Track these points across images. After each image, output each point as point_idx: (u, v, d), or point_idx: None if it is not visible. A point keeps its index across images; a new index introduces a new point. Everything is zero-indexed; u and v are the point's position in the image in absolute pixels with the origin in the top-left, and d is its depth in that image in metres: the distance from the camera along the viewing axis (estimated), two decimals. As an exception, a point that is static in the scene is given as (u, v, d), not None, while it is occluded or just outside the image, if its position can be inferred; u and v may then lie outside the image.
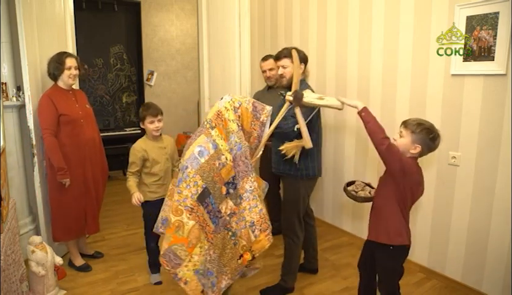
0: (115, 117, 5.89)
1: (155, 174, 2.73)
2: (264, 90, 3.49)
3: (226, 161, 2.09)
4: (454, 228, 2.80)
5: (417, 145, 1.94)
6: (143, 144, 2.73)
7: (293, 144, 2.33)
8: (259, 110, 2.23)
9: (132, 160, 2.69)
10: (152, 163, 2.71)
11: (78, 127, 2.87)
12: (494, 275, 2.61)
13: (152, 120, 2.70)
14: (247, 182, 2.13)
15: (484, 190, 2.60)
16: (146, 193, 2.72)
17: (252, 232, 2.11)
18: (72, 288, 2.77)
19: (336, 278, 2.96)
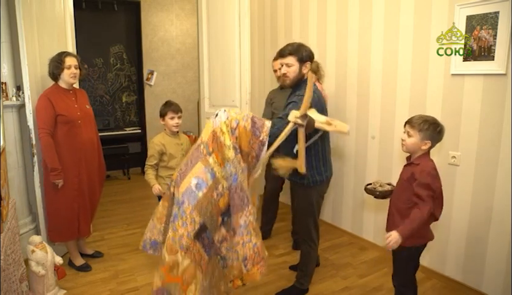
0: (115, 117, 5.89)
1: (171, 168, 2.84)
2: (277, 89, 3.39)
3: (223, 190, 1.95)
4: (454, 228, 2.80)
5: (426, 141, 2.02)
6: (162, 139, 2.87)
7: (287, 164, 2.11)
8: (258, 127, 2.02)
9: (151, 153, 2.84)
10: (169, 158, 2.85)
11: (75, 128, 2.85)
12: (494, 275, 2.61)
13: (173, 116, 2.86)
14: (242, 217, 1.94)
15: (484, 190, 2.60)
16: (162, 185, 2.84)
17: (244, 266, 1.96)
18: (71, 288, 2.77)
19: (335, 277, 2.96)
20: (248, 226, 1.94)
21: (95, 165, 3.04)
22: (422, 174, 2.00)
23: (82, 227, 2.98)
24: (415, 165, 2.07)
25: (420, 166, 2.04)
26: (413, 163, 2.10)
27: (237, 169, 1.95)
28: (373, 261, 3.20)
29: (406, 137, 2.07)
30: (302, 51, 2.37)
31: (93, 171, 3.01)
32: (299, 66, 2.38)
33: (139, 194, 4.92)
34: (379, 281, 2.89)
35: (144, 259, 3.24)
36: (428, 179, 1.99)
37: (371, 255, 3.30)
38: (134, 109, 6.05)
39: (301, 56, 2.37)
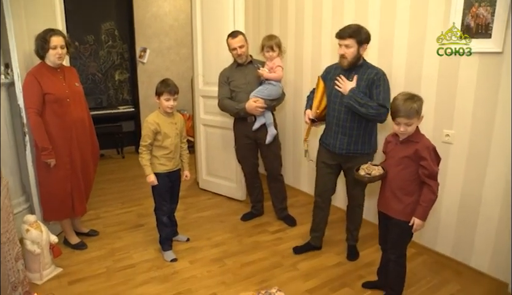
0: (108, 95, 5.81)
1: (165, 148, 2.82)
2: (233, 67, 3.39)
3: None
4: (445, 205, 2.84)
5: (421, 116, 2.12)
6: (156, 118, 2.80)
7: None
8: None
9: (145, 133, 2.78)
10: (164, 137, 2.80)
11: (64, 107, 2.79)
12: (482, 250, 2.66)
13: (168, 97, 2.76)
14: None
15: (476, 168, 2.62)
16: (156, 165, 2.84)
17: None
18: (68, 266, 2.80)
19: (329, 253, 3.00)
20: None
21: (87, 143, 3.00)
22: (430, 152, 2.09)
23: (77, 206, 2.98)
24: (415, 142, 2.12)
25: (422, 143, 2.11)
26: (411, 140, 2.14)
27: None
28: (366, 237, 3.25)
29: (406, 128, 2.10)
30: (361, 33, 2.50)
31: (85, 150, 2.98)
32: (358, 48, 2.52)
33: (133, 173, 4.91)
34: (371, 257, 2.94)
35: (140, 236, 3.26)
36: (436, 155, 2.13)
37: (363, 232, 3.34)
38: (126, 87, 5.98)
39: (360, 38, 2.49)
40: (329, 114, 2.74)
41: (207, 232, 3.39)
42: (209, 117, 4.04)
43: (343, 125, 2.65)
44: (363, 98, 2.48)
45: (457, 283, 2.65)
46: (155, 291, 2.54)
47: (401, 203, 2.20)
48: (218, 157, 4.07)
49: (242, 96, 3.27)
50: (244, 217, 3.63)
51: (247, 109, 3.17)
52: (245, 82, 3.29)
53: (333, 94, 2.68)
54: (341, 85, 2.58)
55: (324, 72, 2.84)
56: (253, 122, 3.27)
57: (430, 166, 2.07)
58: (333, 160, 2.78)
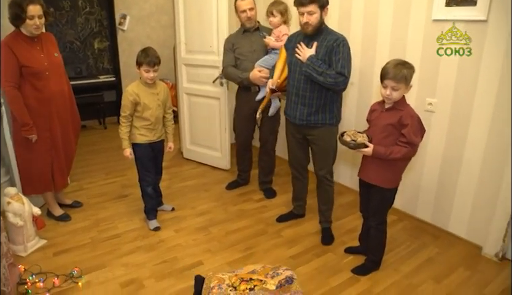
0: (87, 64, 5.64)
1: (145, 119, 2.75)
2: (239, 33, 3.28)
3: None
4: (427, 172, 2.90)
5: (409, 85, 2.11)
6: (136, 88, 2.71)
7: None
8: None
9: (124, 103, 2.71)
10: (143, 108, 2.72)
11: (43, 80, 2.66)
12: (460, 216, 2.76)
13: (148, 69, 2.64)
14: None
15: (457, 137, 2.67)
16: (136, 135, 2.79)
17: None
18: (52, 237, 2.79)
19: (312, 220, 3.06)
20: None
21: (68, 116, 2.91)
22: (413, 120, 2.10)
23: (57, 180, 2.93)
24: (399, 110, 2.13)
25: (406, 111, 2.11)
26: (395, 108, 2.14)
27: None
28: (348, 205, 3.32)
29: (392, 92, 2.09)
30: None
31: (66, 123, 2.89)
32: (320, 13, 2.44)
33: (116, 143, 4.80)
34: (353, 223, 3.01)
35: (124, 207, 3.26)
36: (420, 126, 2.12)
37: (346, 199, 3.42)
38: (107, 56, 5.80)
39: (322, 2, 2.42)
40: (290, 83, 2.67)
41: (191, 201, 3.40)
42: (192, 85, 3.98)
43: (303, 95, 2.57)
44: (321, 65, 2.41)
45: (435, 246, 2.74)
46: (141, 259, 2.56)
47: (383, 171, 2.23)
48: (202, 126, 4.04)
49: (247, 64, 3.17)
50: (229, 186, 3.64)
51: (251, 79, 3.07)
52: (251, 50, 3.19)
53: (293, 63, 2.60)
54: (300, 53, 2.51)
55: (287, 41, 2.74)
56: (257, 92, 3.18)
57: (409, 135, 2.07)
58: (297, 131, 2.72)
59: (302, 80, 2.55)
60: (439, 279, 2.41)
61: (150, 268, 2.49)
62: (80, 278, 2.36)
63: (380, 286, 2.35)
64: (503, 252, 2.57)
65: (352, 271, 2.46)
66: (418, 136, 2.12)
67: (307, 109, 2.58)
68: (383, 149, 2.12)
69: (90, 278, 2.38)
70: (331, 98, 2.58)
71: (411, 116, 2.09)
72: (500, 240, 2.54)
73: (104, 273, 2.43)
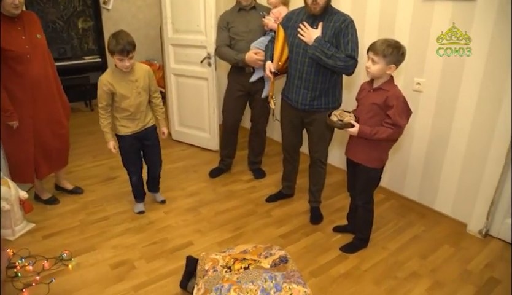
0: (72, 45, 5.50)
1: (124, 109, 2.57)
2: (234, 11, 3.13)
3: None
4: (414, 152, 2.93)
5: (391, 65, 2.07)
6: (110, 77, 2.48)
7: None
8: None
9: (99, 94, 2.53)
10: (120, 98, 2.52)
11: (24, 63, 2.51)
12: (446, 194, 2.81)
13: (121, 58, 2.38)
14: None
15: (444, 117, 2.69)
16: (117, 127, 2.64)
17: None
18: (40, 221, 2.77)
19: (301, 200, 3.09)
20: None
21: (55, 100, 2.76)
22: (399, 102, 2.08)
23: (41, 169, 2.82)
24: (385, 90, 2.12)
25: (392, 92, 2.10)
26: (382, 88, 2.13)
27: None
28: (337, 184, 3.35)
29: (371, 65, 2.09)
30: None
31: (53, 108, 2.75)
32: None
33: (103, 125, 4.78)
34: (342, 203, 3.05)
35: (113, 189, 3.24)
36: (406, 107, 2.11)
37: (335, 179, 3.45)
38: (91, 36, 5.66)
39: None
40: (292, 66, 2.54)
41: (181, 182, 3.40)
42: (180, 66, 3.92)
43: (306, 79, 2.47)
44: (330, 48, 2.30)
45: (422, 224, 2.80)
46: (130, 241, 2.57)
47: (369, 151, 2.24)
48: (190, 107, 4.01)
49: (242, 45, 3.03)
50: (212, 173, 3.51)
51: (247, 61, 2.95)
52: (247, 29, 3.03)
53: (295, 44, 2.46)
54: (305, 34, 2.37)
55: (284, 19, 2.59)
56: (251, 73, 3.06)
57: (394, 116, 2.07)
58: (296, 115, 2.65)
59: (306, 63, 2.43)
60: (424, 255, 2.47)
61: (140, 250, 2.49)
62: (70, 261, 2.36)
63: (368, 263, 2.40)
64: (487, 229, 2.64)
65: (341, 250, 2.51)
66: (404, 117, 2.11)
67: (311, 93, 2.50)
68: (368, 128, 2.13)
69: (80, 260, 2.38)
70: (335, 82, 2.52)
71: (397, 97, 2.08)
72: (484, 217, 2.60)
73: (94, 255, 2.43)
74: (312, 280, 2.25)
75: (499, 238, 2.62)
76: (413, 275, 2.30)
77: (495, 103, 2.40)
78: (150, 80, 2.64)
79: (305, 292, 1.73)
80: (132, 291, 2.15)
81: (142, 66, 2.61)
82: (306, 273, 2.30)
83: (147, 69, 2.62)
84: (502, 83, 2.35)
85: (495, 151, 2.46)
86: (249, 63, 2.97)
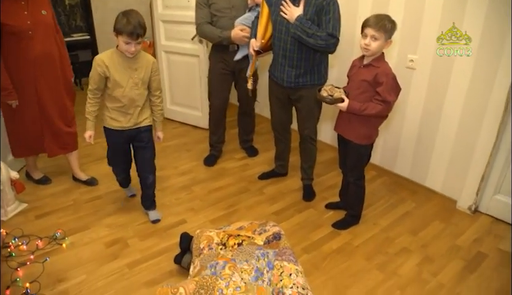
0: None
1: (116, 99, 2.26)
2: None
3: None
4: (406, 129, 2.94)
5: (389, 40, 2.07)
6: (107, 58, 2.19)
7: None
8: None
9: (91, 74, 2.24)
10: (114, 85, 2.22)
11: (25, 40, 2.42)
12: (437, 171, 2.84)
13: (129, 41, 2.08)
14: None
15: (436, 95, 2.69)
16: (106, 117, 2.35)
17: None
18: (33, 201, 2.76)
19: (294, 178, 3.10)
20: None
21: (58, 80, 2.66)
22: (388, 78, 2.07)
23: (51, 148, 2.77)
24: (375, 67, 2.11)
25: (382, 69, 2.09)
26: (372, 65, 2.12)
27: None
28: (329, 162, 3.37)
29: (371, 42, 2.05)
30: None
31: (56, 88, 2.66)
32: None
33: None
34: (334, 180, 3.07)
35: (105, 168, 3.20)
36: (395, 84, 2.10)
37: (327, 156, 3.46)
38: (79, 13, 5.52)
39: None
40: (275, 44, 2.51)
41: (174, 160, 3.39)
42: (171, 43, 3.86)
43: (290, 57, 2.45)
44: (312, 27, 2.27)
45: (412, 201, 2.84)
46: (124, 220, 2.58)
47: (359, 127, 2.24)
48: (182, 85, 3.96)
49: (224, 22, 2.90)
50: (207, 162, 3.37)
51: (233, 38, 2.82)
52: (229, 5, 2.89)
53: (278, 22, 2.42)
54: (287, 12, 2.34)
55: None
56: (236, 51, 2.98)
57: (383, 93, 2.06)
58: (282, 92, 2.63)
59: (289, 41, 2.40)
60: (415, 231, 2.51)
61: (134, 228, 2.51)
62: (63, 240, 2.37)
63: (359, 239, 2.44)
64: (476, 206, 2.68)
65: (333, 226, 2.54)
66: (393, 94, 2.11)
67: (296, 70, 2.48)
68: (358, 104, 2.13)
69: (74, 240, 2.39)
70: (319, 59, 2.49)
71: (386, 74, 2.07)
72: (474, 194, 2.64)
73: (88, 234, 2.44)
74: (304, 256, 2.28)
75: (487, 214, 2.67)
76: (403, 251, 2.34)
77: (487, 81, 2.40)
78: (153, 74, 2.33)
79: (296, 269, 1.75)
80: (127, 268, 2.17)
81: (147, 56, 2.31)
82: (298, 249, 2.33)
83: (152, 61, 2.32)
84: (495, 62, 2.34)
85: (487, 128, 2.48)
86: (235, 41, 2.86)
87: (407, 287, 2.07)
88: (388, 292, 2.04)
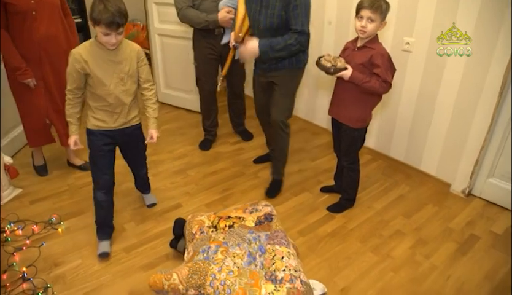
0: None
1: (101, 98, 1.96)
2: None
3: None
4: (401, 113, 2.94)
5: (383, 22, 2.05)
6: (85, 52, 1.87)
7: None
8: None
9: (68, 71, 1.91)
10: (96, 83, 1.92)
11: (28, 20, 2.34)
12: (431, 155, 2.85)
13: (108, 32, 1.77)
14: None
15: (432, 78, 2.68)
16: (90, 118, 2.03)
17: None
18: (27, 186, 2.74)
19: (289, 161, 3.07)
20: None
21: (61, 64, 2.46)
22: (384, 59, 2.05)
23: (63, 138, 2.68)
24: (370, 48, 2.09)
25: (377, 50, 2.07)
26: (367, 46, 2.10)
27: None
28: (324, 145, 3.37)
29: (367, 24, 2.03)
30: None
31: (60, 74, 2.52)
32: None
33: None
34: (329, 164, 3.08)
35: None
36: (391, 64, 2.08)
37: (323, 140, 3.47)
38: (70, -7, 5.41)
39: None
40: (255, 35, 2.41)
41: (168, 145, 3.38)
42: (165, 26, 3.79)
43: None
44: (277, 41, 2.24)
45: (407, 184, 2.86)
46: (119, 204, 2.57)
47: (352, 110, 2.23)
48: (176, 68, 3.92)
49: (207, 4, 2.81)
50: (202, 146, 3.36)
51: (220, 21, 2.74)
52: None
53: (251, 16, 2.38)
54: (245, 53, 2.36)
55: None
56: (222, 34, 2.90)
57: (383, 74, 2.04)
58: (264, 75, 2.57)
59: (268, 35, 2.31)
60: (409, 214, 2.54)
61: (130, 212, 2.51)
62: (59, 225, 2.37)
63: (354, 222, 2.46)
64: (470, 189, 2.71)
65: (328, 210, 2.56)
66: (389, 75, 2.09)
67: (275, 62, 2.43)
68: (361, 75, 2.08)
69: (70, 224, 2.39)
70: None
71: (382, 55, 2.05)
72: (468, 177, 2.66)
73: (83, 218, 2.44)
74: (300, 239, 2.30)
75: (481, 197, 2.70)
76: (397, 233, 2.37)
77: (483, 65, 2.39)
78: (140, 63, 2.02)
79: (288, 252, 1.76)
80: (123, 252, 2.18)
81: (130, 46, 1.99)
82: (294, 232, 2.35)
83: (137, 49, 1.99)
84: (491, 45, 2.33)
85: (482, 112, 2.48)
86: (222, 24, 2.78)
87: (400, 269, 2.10)
88: (382, 273, 2.07)
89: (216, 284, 1.58)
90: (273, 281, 1.62)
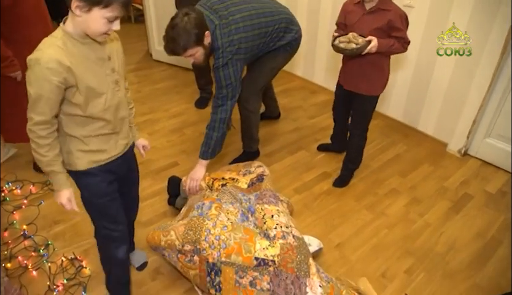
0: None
1: (95, 119, 1.30)
2: None
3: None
4: (400, 73, 2.89)
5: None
6: (63, 54, 1.15)
7: None
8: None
9: (38, 94, 1.15)
10: (88, 97, 1.24)
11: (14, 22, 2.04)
12: (429, 114, 2.84)
13: (117, 16, 1.14)
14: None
15: (433, 36, 2.60)
16: (78, 155, 1.34)
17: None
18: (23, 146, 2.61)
19: (286, 119, 3.09)
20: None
21: None
22: (403, 20, 1.91)
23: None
24: (385, 10, 1.92)
25: (394, 12, 1.91)
26: (381, 8, 1.93)
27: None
28: (322, 104, 3.34)
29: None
30: None
31: None
32: None
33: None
34: (326, 122, 3.07)
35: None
36: (408, 23, 1.96)
37: (321, 98, 3.43)
38: None
39: None
40: None
41: (164, 103, 3.34)
42: (157, -22, 3.64)
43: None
44: (210, 137, 2.26)
45: (404, 144, 2.87)
46: (116, 163, 2.57)
47: (375, 77, 2.11)
48: (170, 24, 3.79)
49: None
50: (198, 104, 3.32)
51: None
52: None
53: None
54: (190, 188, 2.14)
55: None
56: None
57: (406, 37, 1.92)
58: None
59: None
60: (404, 174, 2.56)
61: (127, 171, 2.51)
62: (56, 183, 2.37)
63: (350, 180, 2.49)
64: (466, 149, 2.72)
65: (334, 185, 2.45)
66: (406, 32, 1.96)
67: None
68: (385, 40, 1.92)
69: (67, 183, 2.38)
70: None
71: (400, 16, 1.90)
72: (465, 137, 2.66)
73: (80, 177, 2.44)
74: (296, 196, 2.33)
75: (477, 157, 2.72)
76: (392, 192, 2.40)
77: (485, 24, 2.33)
78: (123, 56, 1.41)
79: (277, 210, 1.78)
80: (122, 210, 2.20)
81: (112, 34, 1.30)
82: (290, 190, 2.38)
83: (117, 37, 1.38)
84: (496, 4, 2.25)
85: (482, 71, 2.44)
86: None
87: (394, 227, 2.14)
88: (376, 230, 2.12)
89: (211, 239, 1.62)
90: (267, 238, 1.65)
